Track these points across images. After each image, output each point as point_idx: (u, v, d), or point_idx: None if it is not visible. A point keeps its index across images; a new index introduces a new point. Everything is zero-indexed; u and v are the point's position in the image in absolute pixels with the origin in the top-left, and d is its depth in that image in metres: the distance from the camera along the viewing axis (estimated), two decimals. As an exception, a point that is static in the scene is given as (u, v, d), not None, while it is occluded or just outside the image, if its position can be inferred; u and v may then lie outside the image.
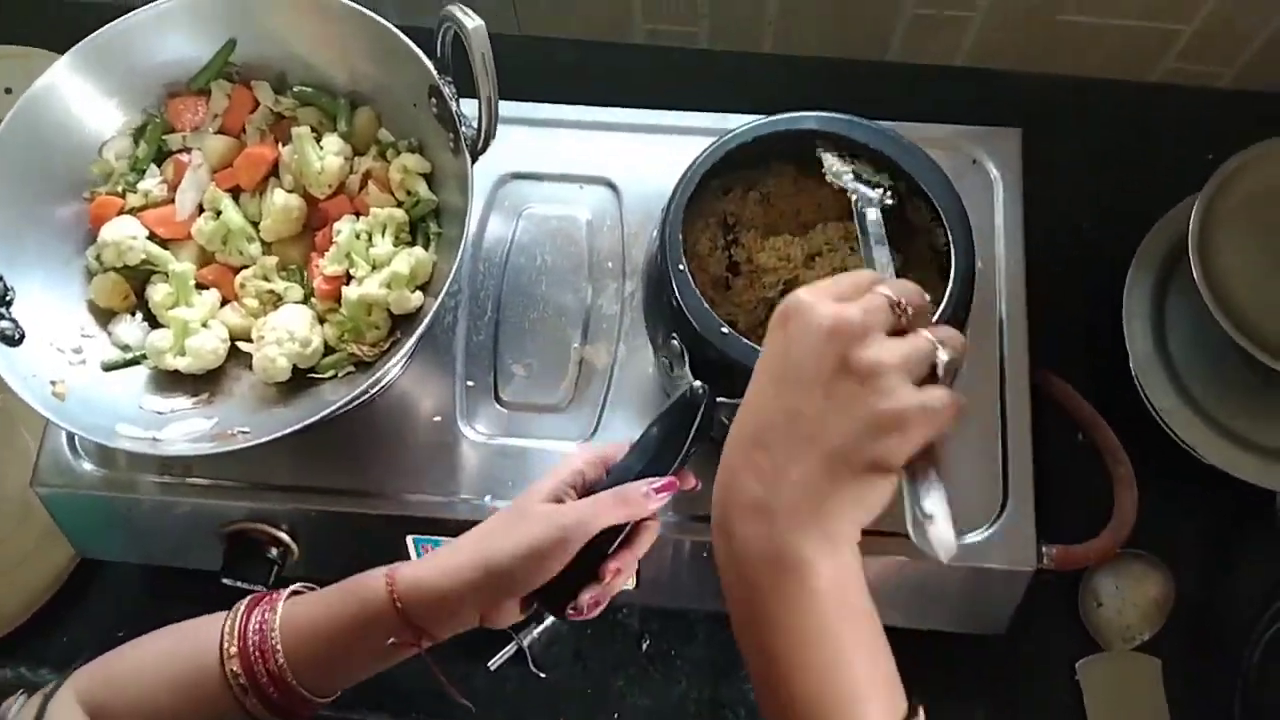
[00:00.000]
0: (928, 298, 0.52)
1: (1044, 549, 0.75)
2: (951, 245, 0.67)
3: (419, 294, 0.75)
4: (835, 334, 0.48)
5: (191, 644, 0.63)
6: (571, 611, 0.63)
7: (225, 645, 0.61)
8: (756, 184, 0.77)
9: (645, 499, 0.63)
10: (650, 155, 0.86)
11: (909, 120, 0.83)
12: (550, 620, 0.86)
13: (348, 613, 0.61)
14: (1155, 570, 0.85)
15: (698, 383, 0.64)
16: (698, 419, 0.64)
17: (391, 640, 0.60)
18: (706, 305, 0.66)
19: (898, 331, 0.50)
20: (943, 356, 0.49)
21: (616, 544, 0.63)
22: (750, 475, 0.49)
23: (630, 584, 0.79)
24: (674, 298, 0.66)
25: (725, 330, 0.65)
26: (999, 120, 0.87)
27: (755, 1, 0.95)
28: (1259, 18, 0.90)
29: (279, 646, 0.61)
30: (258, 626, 0.62)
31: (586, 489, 0.65)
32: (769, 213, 0.77)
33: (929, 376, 0.49)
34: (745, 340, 0.65)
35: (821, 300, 0.49)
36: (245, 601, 0.64)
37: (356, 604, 0.61)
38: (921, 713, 0.49)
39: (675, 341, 0.66)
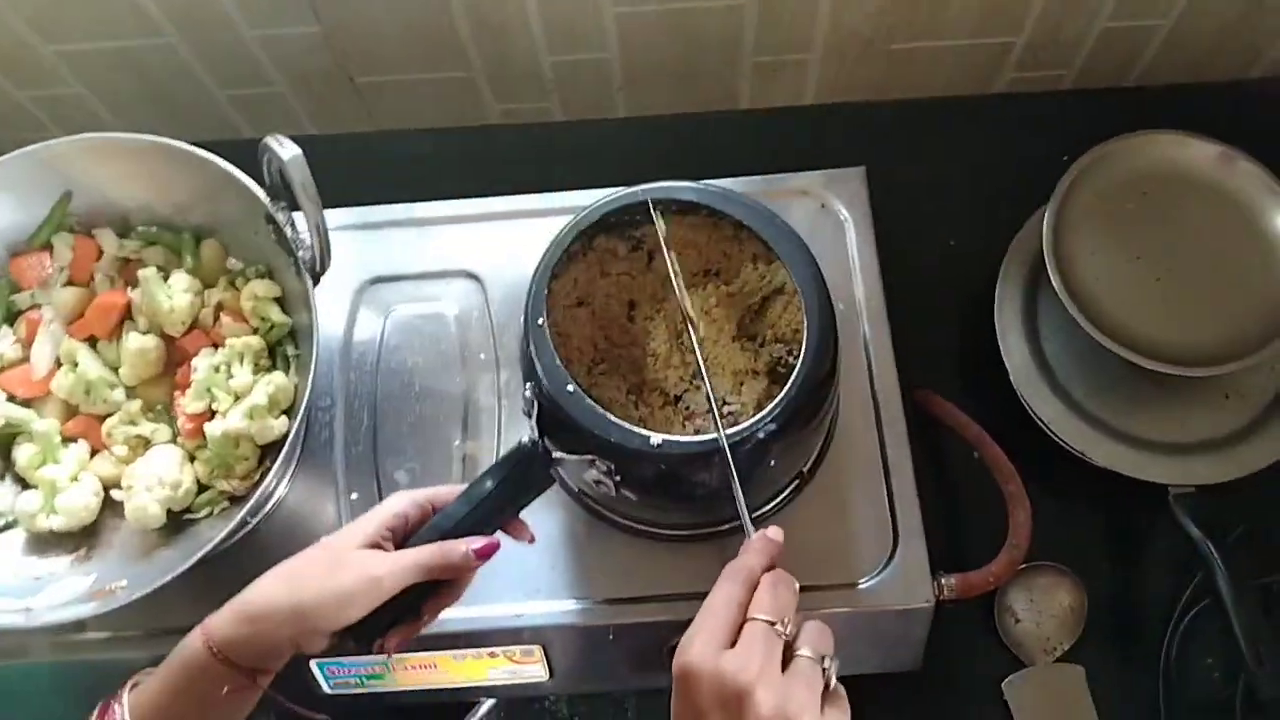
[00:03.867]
0: (796, 586, 0.57)
1: (943, 580, 0.75)
2: (804, 306, 0.67)
3: (283, 419, 0.75)
4: (733, 699, 0.52)
5: None
6: (377, 648, 0.64)
7: None
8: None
9: (465, 559, 0.63)
10: (510, 242, 0.86)
11: (758, 174, 0.84)
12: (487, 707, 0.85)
13: (182, 682, 0.62)
14: (1064, 578, 0.85)
15: (532, 437, 0.64)
16: (529, 473, 0.64)
17: (227, 689, 0.62)
18: (559, 363, 0.66)
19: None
20: (829, 665, 0.54)
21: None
22: None
23: (544, 675, 0.79)
24: (530, 349, 0.67)
25: (571, 388, 0.65)
26: (854, 153, 0.88)
27: (598, 71, 0.96)
28: (1083, 19, 0.92)
29: None
30: None
31: (409, 530, 0.65)
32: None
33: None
34: (589, 400, 0.65)
35: (709, 660, 0.53)
36: (96, 710, 0.64)
37: (185, 671, 0.62)
38: None
39: (527, 391, 0.66)
